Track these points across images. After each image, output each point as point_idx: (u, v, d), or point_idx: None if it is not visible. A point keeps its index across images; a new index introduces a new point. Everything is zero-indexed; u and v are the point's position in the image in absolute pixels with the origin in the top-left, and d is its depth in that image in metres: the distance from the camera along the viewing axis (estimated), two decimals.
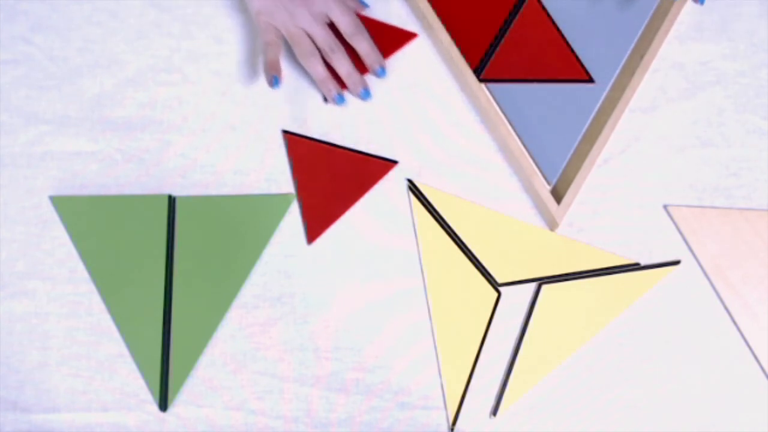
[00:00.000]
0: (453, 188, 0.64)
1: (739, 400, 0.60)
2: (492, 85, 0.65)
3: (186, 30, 0.67)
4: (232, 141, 0.65)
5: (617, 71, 0.65)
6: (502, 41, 0.65)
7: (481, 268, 0.62)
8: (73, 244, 0.63)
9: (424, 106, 0.66)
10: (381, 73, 0.64)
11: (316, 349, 0.61)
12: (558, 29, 0.65)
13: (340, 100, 0.64)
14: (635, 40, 0.65)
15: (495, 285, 0.62)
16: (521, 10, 0.66)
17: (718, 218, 0.63)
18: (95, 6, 0.68)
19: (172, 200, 0.63)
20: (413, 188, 0.64)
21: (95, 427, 0.60)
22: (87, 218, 0.63)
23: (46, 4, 0.68)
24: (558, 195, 0.62)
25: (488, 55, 0.65)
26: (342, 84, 0.64)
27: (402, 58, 0.66)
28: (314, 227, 0.63)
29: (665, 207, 0.64)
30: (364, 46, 0.63)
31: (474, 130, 0.65)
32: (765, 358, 0.60)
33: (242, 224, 0.63)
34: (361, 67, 0.64)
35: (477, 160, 0.65)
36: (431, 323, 0.62)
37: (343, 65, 0.63)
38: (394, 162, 0.64)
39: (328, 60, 0.63)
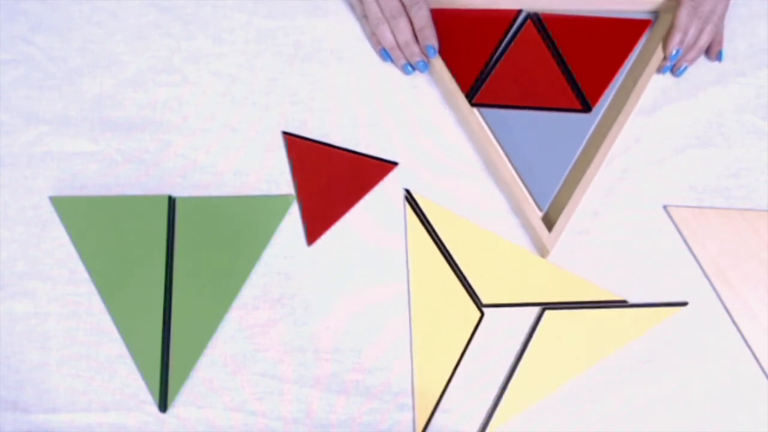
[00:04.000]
0: (453, 188, 0.64)
1: (739, 400, 0.60)
2: (484, 110, 0.64)
3: (186, 30, 0.67)
4: (232, 142, 0.65)
5: (610, 98, 0.64)
6: (497, 66, 0.65)
7: (467, 286, 0.62)
8: (73, 244, 0.63)
9: (425, 107, 0.66)
10: (430, 52, 0.63)
11: (315, 350, 0.61)
12: (554, 57, 0.65)
13: (407, 69, 0.64)
14: (629, 65, 0.65)
15: (479, 305, 0.61)
16: (518, 36, 0.65)
17: (717, 218, 0.63)
18: (95, 6, 0.68)
19: (172, 201, 0.63)
20: (410, 198, 0.63)
21: (95, 427, 0.60)
22: (87, 218, 0.63)
23: (46, 4, 0.67)
24: (549, 222, 0.62)
25: (480, 79, 0.65)
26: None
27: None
28: (314, 228, 0.63)
29: (665, 207, 0.63)
30: (420, 18, 0.62)
31: None
32: (765, 358, 0.60)
33: (242, 225, 0.63)
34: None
35: (477, 161, 0.65)
36: (410, 335, 0.61)
37: (402, 33, 0.63)
38: (394, 163, 0.64)
39: (390, 26, 0.63)
